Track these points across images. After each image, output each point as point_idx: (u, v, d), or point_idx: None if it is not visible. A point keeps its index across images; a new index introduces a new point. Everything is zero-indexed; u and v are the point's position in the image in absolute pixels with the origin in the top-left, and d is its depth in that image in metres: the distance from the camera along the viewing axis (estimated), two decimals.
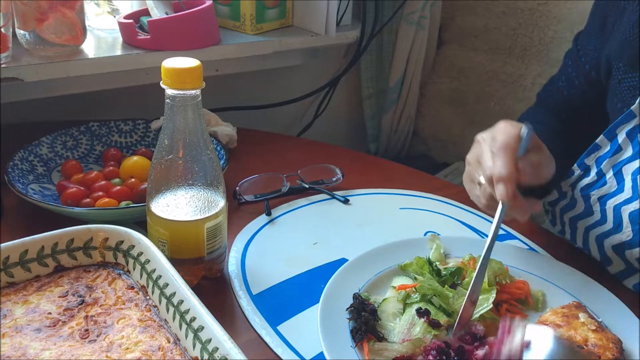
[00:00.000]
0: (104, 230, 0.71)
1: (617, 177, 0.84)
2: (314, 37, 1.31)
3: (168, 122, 0.72)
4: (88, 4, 1.14)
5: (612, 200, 0.84)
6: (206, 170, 0.74)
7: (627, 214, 0.81)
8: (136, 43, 1.12)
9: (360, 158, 1.20)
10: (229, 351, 0.55)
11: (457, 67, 1.59)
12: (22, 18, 1.00)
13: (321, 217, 0.96)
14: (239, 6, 1.23)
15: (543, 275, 0.81)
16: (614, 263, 0.85)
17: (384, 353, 0.67)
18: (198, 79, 0.70)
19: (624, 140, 0.83)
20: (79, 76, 1.07)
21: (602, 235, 0.85)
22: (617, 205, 0.83)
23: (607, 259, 0.85)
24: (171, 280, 0.64)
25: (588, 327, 0.70)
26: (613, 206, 0.83)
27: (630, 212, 0.81)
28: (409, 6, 1.49)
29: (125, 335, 0.62)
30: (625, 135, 0.83)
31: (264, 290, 0.79)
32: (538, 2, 1.43)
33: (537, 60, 1.46)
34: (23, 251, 0.68)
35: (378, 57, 1.58)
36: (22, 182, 0.90)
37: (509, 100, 1.50)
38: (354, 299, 0.73)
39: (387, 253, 0.82)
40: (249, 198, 0.98)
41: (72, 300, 0.66)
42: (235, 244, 0.88)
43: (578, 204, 0.89)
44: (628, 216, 0.81)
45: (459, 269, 0.77)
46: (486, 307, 0.72)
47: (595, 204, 0.86)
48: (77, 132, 1.05)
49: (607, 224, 0.84)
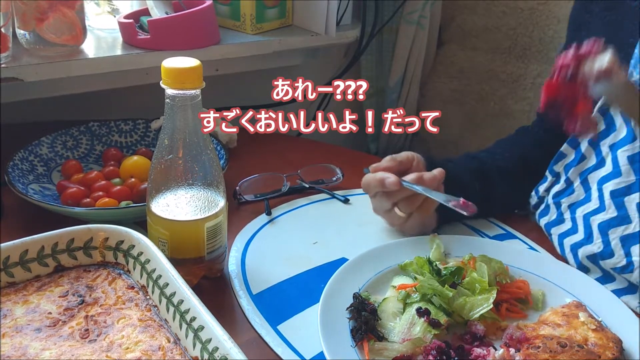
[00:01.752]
0: (104, 230, 0.71)
1: (584, 186, 0.85)
2: (314, 37, 1.31)
3: (168, 122, 0.72)
4: (88, 4, 1.14)
5: (581, 209, 0.85)
6: (206, 170, 0.74)
7: (597, 224, 0.82)
8: (136, 43, 1.12)
9: (360, 158, 1.20)
10: (229, 351, 0.55)
11: (457, 67, 1.59)
12: (22, 18, 1.00)
13: (321, 216, 0.96)
14: (239, 6, 1.23)
15: (543, 275, 0.81)
16: (591, 271, 0.85)
17: (384, 353, 0.67)
18: (198, 78, 0.70)
19: (587, 149, 0.84)
20: (79, 76, 1.07)
21: (575, 244, 0.86)
22: (587, 215, 0.83)
23: (584, 267, 0.85)
24: (171, 280, 0.64)
25: (588, 327, 0.70)
26: (582, 215, 0.84)
27: (599, 223, 0.82)
28: (409, 6, 1.49)
29: (125, 335, 0.62)
30: (587, 144, 0.84)
31: (264, 290, 0.79)
32: (538, 2, 1.43)
33: (537, 60, 1.45)
34: (23, 251, 0.68)
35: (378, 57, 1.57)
36: (22, 182, 0.90)
37: (509, 100, 1.50)
38: (354, 298, 0.73)
39: (387, 253, 0.82)
40: (249, 198, 0.98)
41: (72, 300, 0.66)
42: (235, 243, 0.88)
43: (551, 210, 0.89)
44: (597, 227, 0.82)
45: (459, 268, 0.77)
46: (486, 307, 0.72)
47: (565, 212, 0.87)
48: (77, 132, 1.05)
49: (579, 234, 0.85)
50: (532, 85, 1.46)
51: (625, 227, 0.79)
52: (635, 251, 0.78)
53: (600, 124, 0.83)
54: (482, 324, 0.72)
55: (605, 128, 0.83)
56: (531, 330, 0.70)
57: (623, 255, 0.79)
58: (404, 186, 0.83)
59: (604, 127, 0.83)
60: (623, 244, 0.79)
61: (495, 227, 0.96)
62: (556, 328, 0.70)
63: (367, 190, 0.88)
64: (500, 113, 1.51)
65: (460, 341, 0.71)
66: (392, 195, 0.85)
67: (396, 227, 0.90)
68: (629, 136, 0.80)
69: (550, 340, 0.67)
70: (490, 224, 0.96)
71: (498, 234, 0.94)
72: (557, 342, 0.67)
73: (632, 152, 0.79)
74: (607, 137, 0.83)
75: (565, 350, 0.66)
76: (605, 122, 0.82)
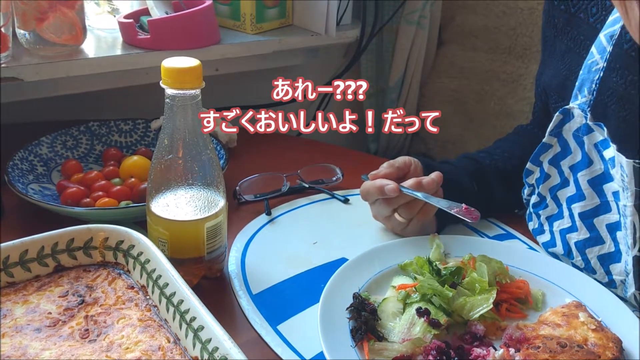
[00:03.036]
0: (104, 230, 0.71)
1: (555, 202, 0.85)
2: (314, 37, 1.31)
3: (168, 121, 0.72)
4: (88, 4, 1.14)
5: (557, 224, 0.85)
6: (206, 170, 0.74)
7: (573, 242, 0.82)
8: (136, 43, 1.12)
9: (360, 158, 1.20)
10: (228, 351, 0.55)
11: (457, 67, 1.59)
12: (22, 18, 1.00)
13: (321, 216, 0.96)
14: (239, 6, 1.23)
15: (543, 275, 0.81)
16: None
17: (384, 353, 0.67)
18: (198, 78, 0.70)
19: (550, 168, 0.84)
20: (79, 76, 1.07)
21: (557, 257, 0.86)
22: (563, 231, 0.84)
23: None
24: (171, 280, 0.64)
25: (588, 327, 0.70)
26: (559, 230, 0.84)
27: (575, 242, 0.82)
28: (409, 6, 1.49)
29: (125, 335, 0.62)
30: (548, 164, 0.84)
31: (264, 290, 0.79)
32: (538, 2, 1.42)
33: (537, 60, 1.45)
34: (23, 251, 0.68)
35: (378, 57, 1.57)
36: (22, 182, 0.90)
37: (509, 100, 1.50)
38: (354, 298, 0.73)
39: (387, 253, 0.82)
40: (249, 198, 0.98)
41: (72, 300, 0.66)
42: (235, 243, 0.88)
43: (533, 219, 0.90)
44: (574, 245, 0.82)
45: (459, 268, 0.77)
46: (486, 307, 0.72)
47: (545, 224, 0.87)
48: (77, 132, 1.05)
49: (558, 248, 0.85)
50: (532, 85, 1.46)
51: (600, 247, 0.79)
52: (615, 270, 0.78)
53: (555, 146, 0.82)
54: (482, 324, 0.71)
55: (560, 150, 0.82)
56: (531, 330, 0.70)
57: (604, 274, 0.80)
58: (404, 192, 0.83)
59: (559, 149, 0.82)
60: (602, 263, 0.80)
61: (495, 227, 0.96)
62: (556, 328, 0.70)
63: (366, 198, 0.88)
64: (500, 113, 1.51)
65: (460, 341, 0.71)
66: (391, 201, 0.85)
67: (397, 232, 0.90)
68: (584, 160, 0.79)
69: (550, 341, 0.67)
70: (490, 224, 0.96)
71: (498, 234, 0.94)
72: (557, 342, 0.67)
73: (591, 176, 0.78)
74: (564, 159, 0.82)
75: (565, 351, 0.66)
76: (559, 144, 0.82)
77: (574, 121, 0.79)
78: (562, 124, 0.81)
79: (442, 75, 1.62)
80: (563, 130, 0.81)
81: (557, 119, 0.81)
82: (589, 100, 0.77)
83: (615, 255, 0.78)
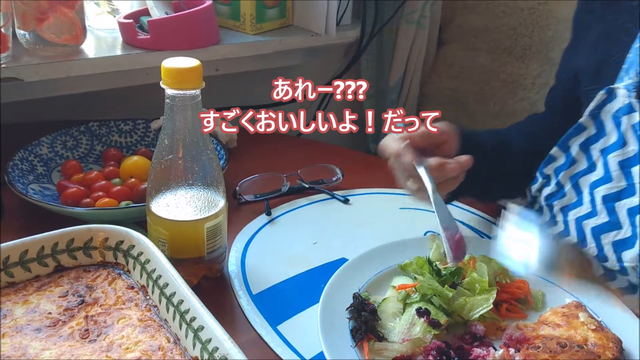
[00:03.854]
0: (104, 230, 0.71)
1: (576, 189, 0.84)
2: (314, 37, 1.31)
3: (168, 122, 0.72)
4: (88, 4, 1.14)
5: (573, 213, 0.84)
6: (206, 170, 0.74)
7: (589, 229, 0.81)
8: (136, 43, 1.12)
9: (360, 158, 1.20)
10: (228, 351, 0.55)
11: (457, 67, 1.59)
12: (22, 18, 1.00)
13: (321, 217, 0.96)
14: (239, 6, 1.23)
15: (543, 275, 0.81)
16: None
17: (384, 353, 0.67)
18: (198, 78, 0.70)
19: (578, 153, 0.83)
20: (79, 76, 1.07)
21: None
22: (579, 219, 0.83)
23: None
24: (171, 280, 0.64)
25: (588, 327, 0.70)
26: (575, 219, 0.83)
27: (592, 228, 0.81)
28: (409, 6, 1.49)
29: (125, 335, 0.62)
30: (578, 148, 0.83)
31: (264, 290, 0.79)
32: (538, 2, 1.43)
33: (537, 60, 1.45)
34: (23, 251, 0.68)
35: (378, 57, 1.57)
36: (22, 182, 0.90)
37: (509, 100, 1.50)
38: (354, 298, 0.73)
39: (387, 253, 0.82)
40: (249, 198, 0.98)
41: (72, 300, 0.66)
42: (235, 243, 0.88)
43: (544, 212, 0.89)
44: (590, 231, 0.81)
45: (459, 268, 0.77)
46: (486, 307, 0.72)
47: (558, 214, 0.86)
48: (77, 132, 1.05)
49: (571, 237, 0.84)
50: (532, 85, 1.46)
51: (617, 233, 0.79)
52: (626, 257, 0.78)
53: (590, 128, 0.82)
54: (482, 324, 0.71)
55: (595, 133, 0.82)
56: (531, 330, 0.70)
57: (616, 261, 0.79)
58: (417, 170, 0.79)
59: (594, 131, 0.82)
60: (615, 249, 0.79)
61: (495, 227, 0.96)
62: (556, 328, 0.70)
63: (381, 153, 0.85)
64: (500, 113, 1.51)
65: (460, 341, 0.71)
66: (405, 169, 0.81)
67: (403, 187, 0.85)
68: (619, 141, 0.79)
69: (550, 341, 0.67)
70: (490, 224, 0.96)
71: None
72: (557, 343, 0.67)
73: (623, 158, 0.78)
74: (597, 142, 0.82)
75: (565, 351, 0.66)
76: (595, 126, 0.82)
77: (617, 101, 0.79)
78: (604, 104, 0.80)
79: (442, 75, 1.62)
80: (602, 112, 0.80)
81: (601, 98, 0.80)
82: (635, 82, 0.77)
83: (629, 241, 0.78)
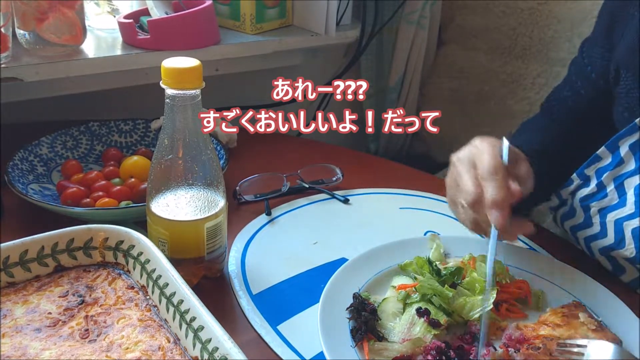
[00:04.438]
0: (104, 230, 0.71)
1: (619, 191, 0.83)
2: (314, 37, 1.31)
3: (168, 122, 0.72)
4: (88, 4, 1.14)
5: (613, 214, 0.83)
6: (206, 170, 0.74)
7: (630, 230, 0.80)
8: (136, 43, 1.12)
9: (360, 158, 1.20)
10: (228, 351, 0.55)
11: (457, 67, 1.59)
12: (22, 18, 1.00)
13: (321, 217, 0.96)
14: (239, 6, 1.23)
15: (543, 275, 0.81)
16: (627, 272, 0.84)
17: (384, 353, 0.67)
18: (198, 78, 0.70)
19: (627, 154, 0.81)
20: (79, 76, 1.07)
21: (604, 248, 0.84)
22: (619, 220, 0.82)
23: (620, 267, 0.84)
24: (171, 280, 0.64)
25: (588, 327, 0.70)
26: (614, 220, 0.82)
27: (632, 229, 0.80)
28: (409, 6, 1.49)
29: (125, 335, 0.62)
30: (628, 149, 0.81)
31: (264, 290, 0.79)
32: (538, 2, 1.43)
33: (537, 60, 1.45)
34: (23, 251, 0.68)
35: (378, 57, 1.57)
36: (22, 182, 0.90)
37: (509, 100, 1.50)
38: (354, 298, 0.73)
39: (387, 253, 0.82)
40: (249, 198, 0.98)
41: (72, 300, 0.66)
42: (235, 243, 0.88)
43: (577, 213, 0.88)
44: (631, 232, 0.80)
45: (459, 268, 0.77)
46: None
47: (595, 216, 0.85)
48: (77, 132, 1.05)
49: (608, 238, 0.83)
50: (532, 85, 1.46)
51: None
52: None
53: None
54: None
55: None
56: (531, 330, 0.70)
57: None
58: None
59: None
60: None
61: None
62: (556, 328, 0.70)
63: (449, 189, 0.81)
64: (500, 113, 1.51)
65: (460, 341, 0.71)
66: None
67: None
68: None
69: (550, 341, 0.67)
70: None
71: None
72: (557, 343, 0.67)
73: None
74: None
75: None
76: None
77: None
78: None
79: (442, 75, 1.62)
80: None
81: None
82: None
83: None
